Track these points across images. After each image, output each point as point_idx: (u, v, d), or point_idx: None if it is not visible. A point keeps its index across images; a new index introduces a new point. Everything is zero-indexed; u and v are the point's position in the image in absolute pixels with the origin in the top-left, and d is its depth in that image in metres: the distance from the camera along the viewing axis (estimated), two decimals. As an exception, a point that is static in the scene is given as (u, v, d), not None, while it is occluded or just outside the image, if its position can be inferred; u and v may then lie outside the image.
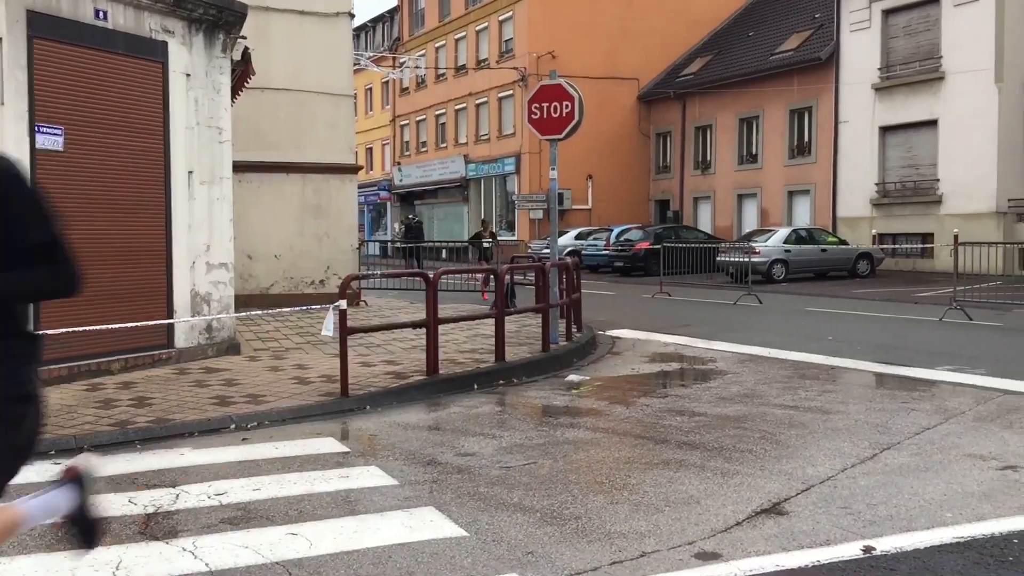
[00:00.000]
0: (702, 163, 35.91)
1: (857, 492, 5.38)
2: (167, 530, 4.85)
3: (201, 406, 7.86)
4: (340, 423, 7.61)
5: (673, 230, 30.55)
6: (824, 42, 30.45)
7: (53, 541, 4.70)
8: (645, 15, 37.93)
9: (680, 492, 5.43)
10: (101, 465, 6.08)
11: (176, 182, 10.19)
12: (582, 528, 4.81)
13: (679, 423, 7.39)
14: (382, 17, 55.22)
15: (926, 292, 19.86)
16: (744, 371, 10.01)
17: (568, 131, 11.63)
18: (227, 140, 10.84)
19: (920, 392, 8.59)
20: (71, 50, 9.03)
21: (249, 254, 16.72)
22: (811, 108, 30.88)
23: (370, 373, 9.41)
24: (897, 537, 4.59)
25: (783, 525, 4.82)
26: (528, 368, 10.02)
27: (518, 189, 38.31)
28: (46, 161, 8.79)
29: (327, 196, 17.59)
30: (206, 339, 10.64)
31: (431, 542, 4.60)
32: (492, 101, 40.47)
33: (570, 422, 7.65)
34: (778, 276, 24.39)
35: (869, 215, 28.61)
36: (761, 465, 6.02)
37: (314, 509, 5.18)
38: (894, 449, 6.40)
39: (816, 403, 8.11)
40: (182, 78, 10.23)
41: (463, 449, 6.62)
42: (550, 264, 11.70)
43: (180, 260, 10.25)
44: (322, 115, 17.53)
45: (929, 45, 26.95)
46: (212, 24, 10.53)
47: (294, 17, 17.18)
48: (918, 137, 27.31)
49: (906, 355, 10.91)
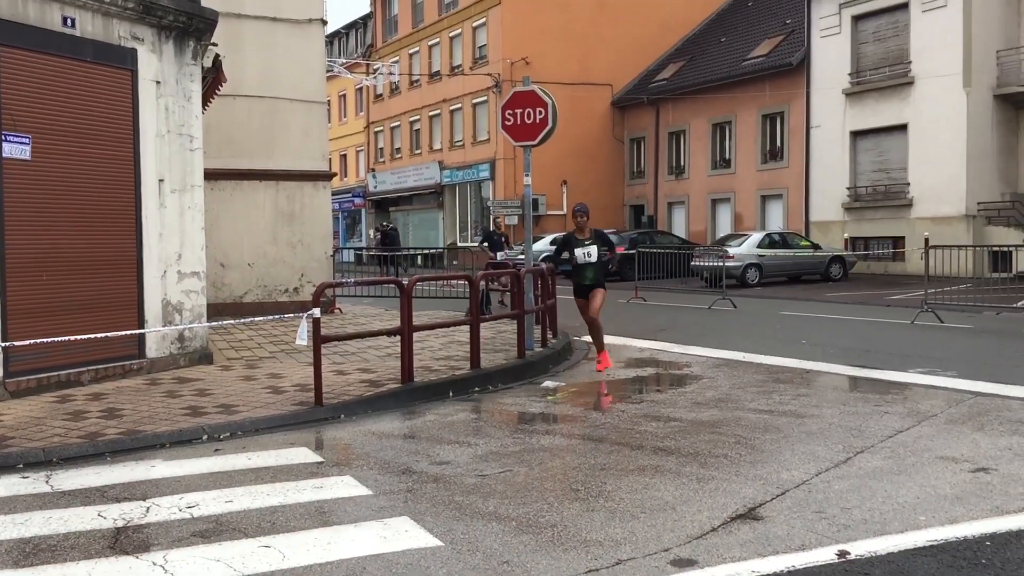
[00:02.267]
0: (676, 168, 36.09)
1: (831, 496, 5.40)
2: (137, 544, 4.77)
3: (173, 417, 7.77)
4: (314, 432, 7.55)
5: (648, 235, 30.67)
6: (795, 48, 30.71)
7: (20, 557, 4.61)
8: (618, 21, 38.09)
9: (656, 498, 5.43)
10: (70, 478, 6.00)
11: (146, 190, 10.09)
12: (558, 536, 4.79)
13: (654, 429, 7.39)
14: (355, 24, 55.08)
15: (898, 295, 20.05)
16: (719, 376, 10.04)
17: (542, 137, 11.64)
18: (198, 148, 10.75)
19: (893, 395, 8.65)
20: (38, 58, 8.91)
21: (222, 262, 16.58)
22: (783, 113, 31.13)
23: (344, 381, 9.35)
24: (871, 541, 4.61)
25: (758, 531, 4.82)
26: (504, 375, 9.99)
27: (493, 195, 38.30)
28: (13, 170, 8.67)
29: (300, 203, 17.48)
30: (178, 349, 10.53)
31: (406, 552, 4.57)
32: (466, 107, 40.46)
33: (546, 429, 7.63)
34: (752, 280, 24.53)
35: (841, 219, 28.85)
36: (736, 470, 6.03)
37: (287, 520, 5.13)
38: (868, 452, 6.43)
39: (790, 407, 8.15)
40: (152, 86, 10.13)
41: (438, 457, 6.58)
42: (525, 270, 11.68)
43: (151, 269, 10.14)
44: (295, 122, 17.43)
45: (898, 50, 27.25)
46: (182, 31, 10.44)
47: (266, 24, 17.08)
48: (888, 141, 27.59)
49: (879, 358, 10.99)
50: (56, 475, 6.21)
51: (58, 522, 5.14)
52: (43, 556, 4.61)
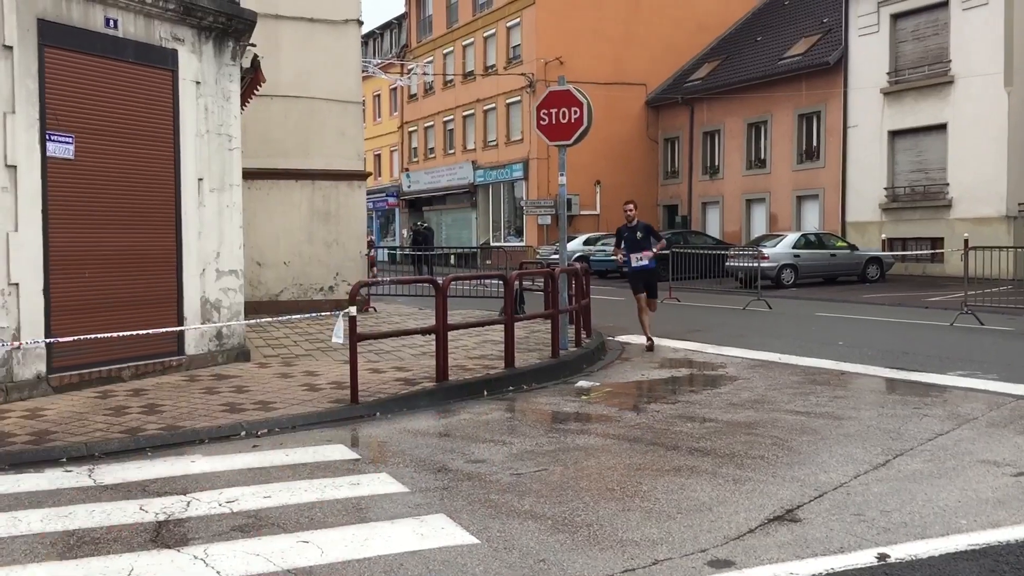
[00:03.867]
0: (710, 168, 35.87)
1: (871, 499, 5.35)
2: (178, 538, 4.84)
3: (211, 413, 7.86)
4: (350, 430, 7.61)
5: (682, 235, 30.48)
6: (832, 47, 30.39)
7: (65, 549, 4.70)
8: (652, 21, 37.92)
9: (692, 499, 5.41)
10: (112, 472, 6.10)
11: (186, 189, 10.22)
12: (594, 535, 4.79)
13: (690, 429, 7.37)
14: (390, 24, 55.31)
15: (937, 297, 19.78)
16: (754, 377, 9.97)
17: (577, 137, 11.63)
18: (237, 147, 10.87)
19: (932, 397, 8.55)
20: (81, 59, 9.07)
21: (258, 261, 16.75)
22: (819, 113, 30.82)
23: (380, 380, 9.40)
24: (912, 544, 4.56)
25: (796, 532, 4.79)
26: (538, 374, 10.00)
27: (526, 195, 38.30)
28: (57, 169, 8.82)
29: (336, 203, 17.61)
30: (216, 346, 10.66)
31: (442, 550, 4.59)
32: (500, 107, 40.49)
33: (580, 428, 7.63)
34: (787, 281, 24.31)
35: (879, 219, 28.52)
36: (773, 472, 6.00)
37: (325, 516, 5.17)
38: (907, 455, 6.36)
39: (827, 409, 8.08)
40: (192, 86, 10.26)
41: (473, 456, 6.60)
42: (559, 270, 11.68)
43: (190, 267, 10.27)
44: (331, 122, 17.56)
45: (938, 49, 26.88)
46: (222, 32, 10.56)
47: (303, 24, 17.22)
48: (927, 141, 27.22)
49: (917, 360, 10.86)
50: (98, 469, 6.31)
51: (101, 515, 5.23)
52: (87, 549, 4.69)
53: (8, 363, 8.46)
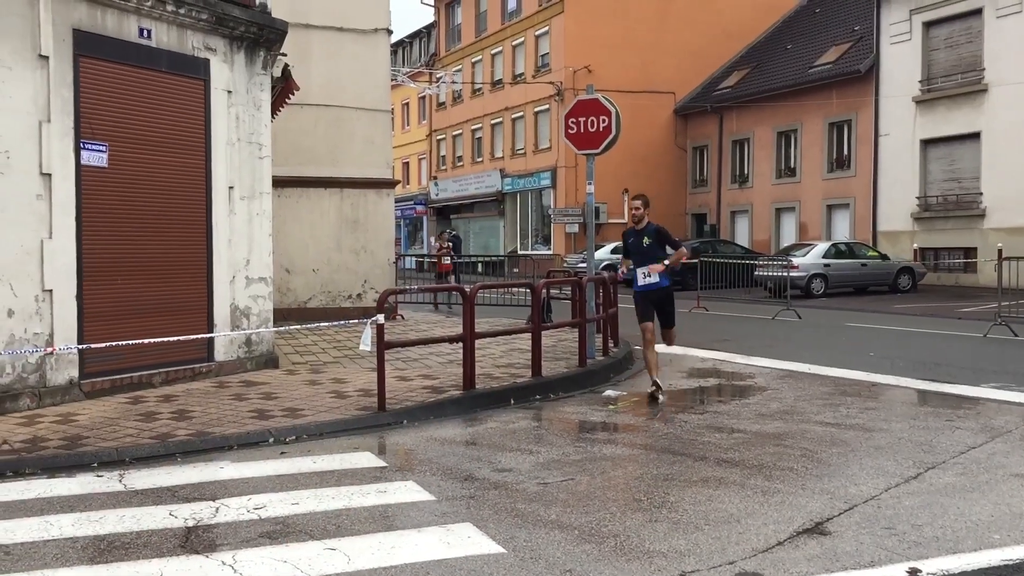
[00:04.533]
0: (739, 177, 35.69)
1: (901, 512, 5.29)
2: (207, 544, 4.88)
3: (240, 419, 7.92)
4: (377, 437, 7.63)
5: (710, 244, 30.36)
6: (864, 55, 30.16)
7: (95, 554, 4.75)
8: (681, 29, 37.83)
9: (720, 510, 5.37)
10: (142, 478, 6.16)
11: (217, 197, 10.32)
12: (620, 546, 4.77)
13: (718, 440, 7.31)
14: (419, 33, 55.60)
15: (970, 308, 19.52)
16: (783, 387, 9.89)
17: (605, 145, 11.62)
18: (267, 156, 10.96)
19: (965, 410, 8.43)
20: (116, 68, 9.19)
21: (287, 268, 16.87)
22: (850, 121, 30.58)
23: (407, 387, 9.43)
24: (943, 559, 4.50)
25: (826, 545, 4.74)
26: (565, 383, 9.98)
27: (554, 203, 38.29)
28: (91, 177, 8.94)
29: (364, 211, 17.71)
30: (245, 353, 10.74)
31: (469, 559, 4.59)
32: (528, 115, 40.55)
33: (607, 438, 7.60)
34: (817, 291, 24.12)
35: (910, 229, 28.22)
36: (802, 483, 5.94)
37: (352, 524, 5.19)
38: (939, 468, 6.28)
39: (858, 420, 7.99)
40: (223, 95, 10.36)
41: (500, 465, 6.60)
42: (587, 279, 11.66)
43: (220, 274, 10.37)
44: (360, 130, 17.67)
45: (971, 57, 26.59)
46: (253, 42, 10.66)
47: (333, 34, 17.36)
48: (961, 150, 26.92)
49: (949, 372, 10.72)
50: (129, 474, 6.37)
51: (131, 520, 5.28)
52: (117, 554, 4.73)
53: (41, 368, 8.57)
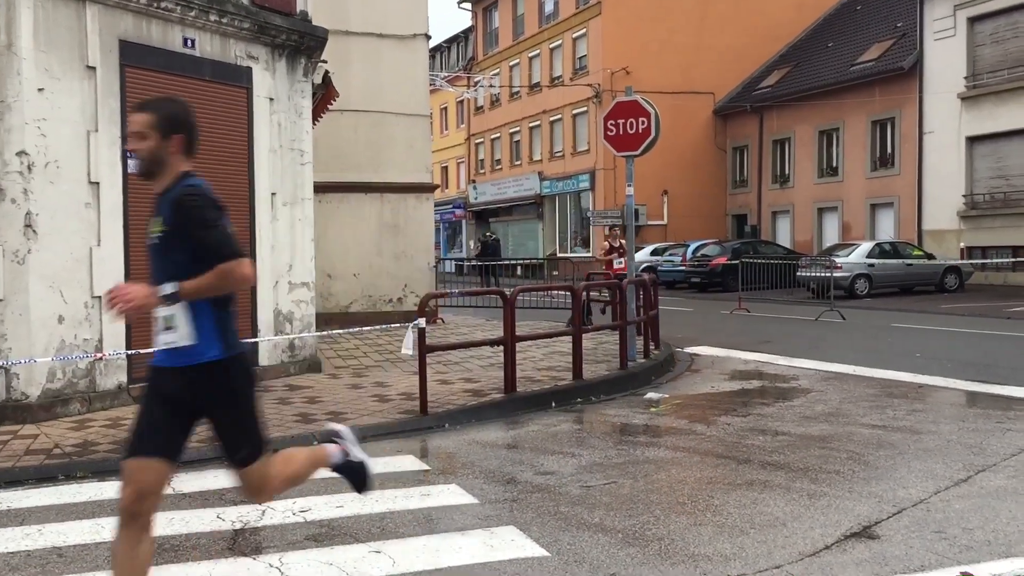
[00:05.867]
0: (780, 177, 35.33)
1: (952, 516, 5.20)
2: (254, 546, 4.94)
3: (284, 423, 8.00)
4: (420, 441, 7.67)
5: (751, 245, 30.08)
6: (907, 51, 29.72)
7: (146, 555, 4.82)
8: (720, 29, 37.57)
9: (765, 514, 5.32)
10: (189, 481, 6.24)
11: (260, 204, 10.44)
12: (665, 550, 4.75)
13: (762, 442, 7.25)
14: (457, 37, 55.83)
15: (1019, 307, 19.14)
16: (828, 389, 9.77)
17: (644, 147, 11.57)
18: (308, 162, 11.08)
19: (1016, 411, 8.27)
20: (161, 77, 9.34)
21: (329, 273, 17.02)
22: (894, 119, 30.14)
23: (448, 391, 9.46)
24: (996, 563, 4.42)
25: (874, 549, 4.68)
26: (606, 386, 9.96)
27: (593, 205, 38.20)
28: (138, 186, 9.09)
29: (404, 215, 17.82)
30: (288, 357, 10.85)
31: (513, 561, 4.59)
32: (566, 118, 40.51)
33: (650, 441, 7.57)
34: (861, 291, 23.79)
35: (957, 228, 27.74)
36: (849, 487, 5.87)
37: (396, 527, 5.22)
38: (990, 471, 6.17)
39: (905, 423, 7.87)
40: (266, 102, 10.49)
41: (542, 468, 6.60)
42: (627, 281, 11.62)
43: (264, 280, 10.48)
44: (399, 135, 17.79)
45: (1018, 52, 26.07)
46: (294, 49, 10.78)
47: (372, 40, 17.49)
48: (1008, 147, 26.40)
49: (999, 373, 10.52)
50: (177, 478, 6.45)
51: (180, 523, 5.36)
52: (167, 556, 4.81)
53: (91, 374, 8.73)
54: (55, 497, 5.98)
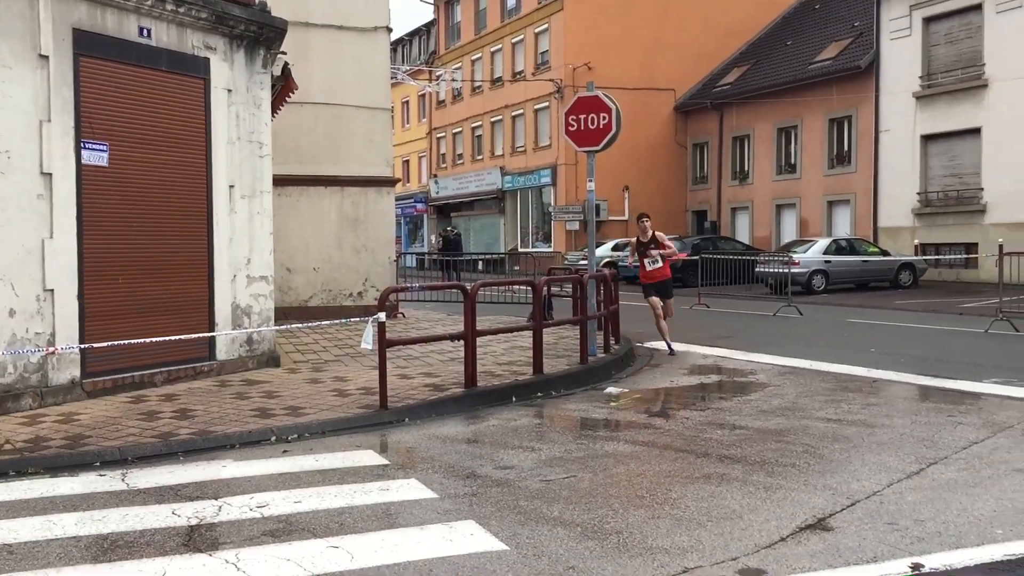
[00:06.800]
0: (740, 173, 35.67)
1: (904, 508, 5.29)
2: (210, 542, 4.88)
3: (242, 418, 7.92)
4: (379, 435, 7.63)
5: (711, 241, 30.33)
6: (864, 50, 30.13)
7: (98, 553, 4.75)
8: (681, 26, 37.80)
9: (722, 507, 5.37)
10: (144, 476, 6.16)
11: (217, 196, 10.32)
12: (623, 543, 4.77)
13: (720, 436, 7.32)
14: (419, 31, 55.58)
15: (971, 303, 19.52)
16: (785, 384, 9.89)
17: (606, 142, 11.61)
18: (267, 154, 10.96)
19: (967, 405, 8.43)
20: (116, 67, 9.19)
21: (288, 267, 16.87)
22: (851, 117, 30.55)
23: (408, 385, 9.43)
24: (946, 554, 4.50)
25: (828, 541, 4.74)
26: (566, 380, 9.99)
27: (554, 200, 38.29)
28: (91, 176, 8.94)
29: (365, 209, 17.70)
30: (246, 351, 10.74)
31: (472, 556, 4.59)
32: (528, 113, 40.53)
33: (609, 435, 7.60)
34: (818, 287, 24.11)
35: (911, 225, 28.21)
36: (805, 480, 5.94)
37: (355, 522, 5.19)
38: (941, 464, 6.28)
39: (860, 416, 7.99)
40: (223, 94, 10.36)
41: (502, 462, 6.60)
42: (588, 276, 11.66)
43: (221, 273, 10.36)
44: (360, 128, 17.66)
45: (971, 52, 26.56)
46: (253, 40, 10.66)
47: (333, 32, 17.34)
48: (961, 146, 26.89)
49: (951, 367, 10.72)
50: (131, 473, 6.38)
51: (134, 519, 5.28)
52: (120, 552, 4.74)
53: (43, 368, 8.58)
54: (5, 493, 5.87)
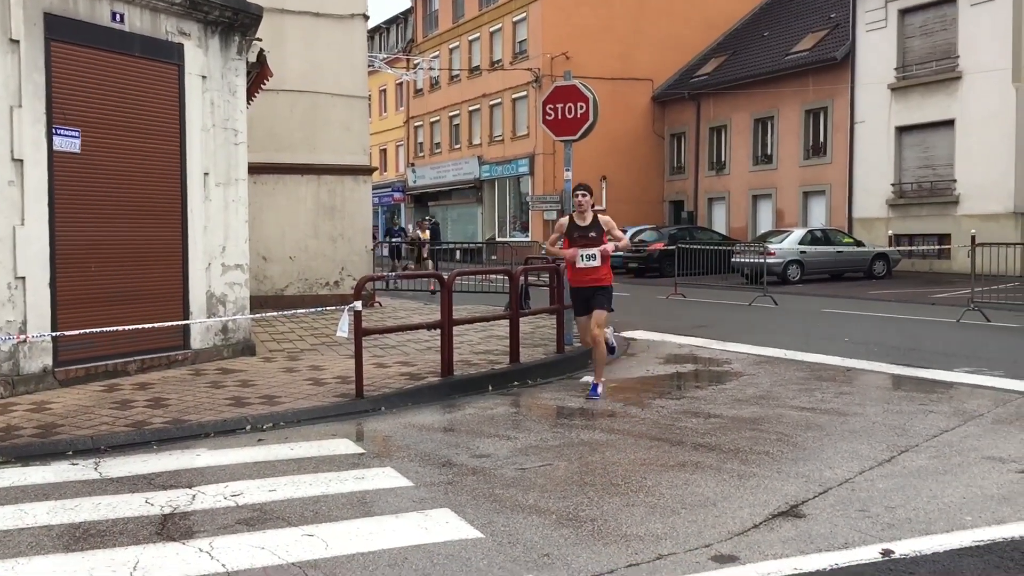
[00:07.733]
0: (716, 164, 35.82)
1: (875, 495, 5.35)
2: (184, 531, 4.86)
3: (217, 407, 7.88)
4: (355, 424, 7.62)
5: (687, 231, 30.46)
6: (840, 42, 30.31)
7: (71, 541, 4.72)
8: (659, 16, 37.86)
9: (696, 494, 5.41)
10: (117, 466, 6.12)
11: (192, 184, 10.23)
12: (598, 530, 4.80)
13: (695, 425, 7.36)
14: (396, 19, 55.30)
15: (943, 293, 19.73)
16: (760, 373, 9.96)
17: (583, 132, 11.61)
18: (242, 142, 10.88)
19: (938, 394, 8.53)
20: (88, 52, 9.08)
21: (264, 255, 16.77)
22: (826, 108, 30.74)
23: (385, 374, 9.41)
24: (916, 540, 4.56)
25: (800, 528, 4.79)
26: (543, 369, 10.01)
27: (532, 190, 38.29)
28: (63, 163, 8.83)
29: (341, 197, 17.62)
30: (222, 340, 10.68)
31: (447, 544, 4.60)
32: (506, 102, 40.47)
33: (585, 424, 7.63)
34: (793, 277, 24.28)
35: (885, 216, 28.45)
36: (778, 467, 5.99)
37: (330, 510, 5.19)
38: (912, 451, 6.36)
39: (833, 405, 8.07)
40: (198, 80, 10.26)
41: (478, 450, 6.61)
42: (564, 265, 11.65)
43: (196, 261, 10.29)
44: (336, 117, 17.56)
45: (946, 44, 26.79)
46: (228, 26, 10.56)
47: (309, 19, 17.21)
48: (935, 137, 27.14)
49: (923, 357, 10.84)
50: (104, 462, 6.33)
51: (107, 508, 5.25)
52: (93, 541, 4.71)
53: (14, 356, 8.49)
54: (-24, 483, 5.81)
